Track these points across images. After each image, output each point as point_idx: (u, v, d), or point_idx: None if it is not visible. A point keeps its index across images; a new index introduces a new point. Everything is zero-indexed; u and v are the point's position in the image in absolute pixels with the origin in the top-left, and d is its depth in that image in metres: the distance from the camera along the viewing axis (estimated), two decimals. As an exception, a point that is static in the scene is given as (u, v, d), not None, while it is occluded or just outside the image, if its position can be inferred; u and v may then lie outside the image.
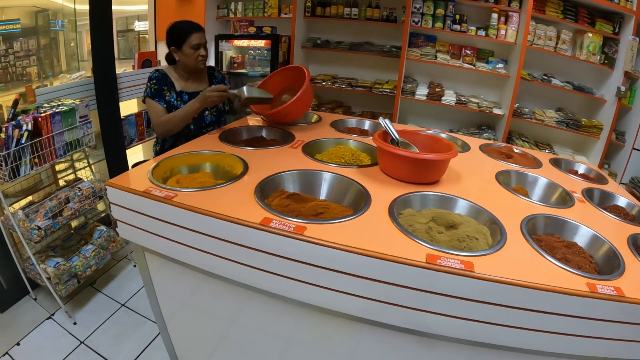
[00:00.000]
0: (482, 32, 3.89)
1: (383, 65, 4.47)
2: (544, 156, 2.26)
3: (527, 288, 1.03)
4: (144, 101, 2.24)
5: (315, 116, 2.57)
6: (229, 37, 4.62)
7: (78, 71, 4.91)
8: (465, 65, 4.01)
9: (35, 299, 2.82)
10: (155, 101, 2.16)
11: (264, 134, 2.21)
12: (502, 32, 3.83)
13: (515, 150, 2.28)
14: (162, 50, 6.17)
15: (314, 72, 4.94)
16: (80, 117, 2.74)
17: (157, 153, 2.36)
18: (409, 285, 1.10)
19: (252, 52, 4.63)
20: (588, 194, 1.75)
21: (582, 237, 1.39)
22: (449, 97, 4.08)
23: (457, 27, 3.91)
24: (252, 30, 4.55)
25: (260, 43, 4.50)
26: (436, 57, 4.08)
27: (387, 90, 4.26)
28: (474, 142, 2.34)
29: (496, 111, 3.98)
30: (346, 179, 1.57)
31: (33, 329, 2.55)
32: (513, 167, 1.96)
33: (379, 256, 1.09)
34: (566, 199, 1.66)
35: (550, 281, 1.05)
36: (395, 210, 1.34)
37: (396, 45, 4.22)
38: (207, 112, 2.30)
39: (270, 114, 2.18)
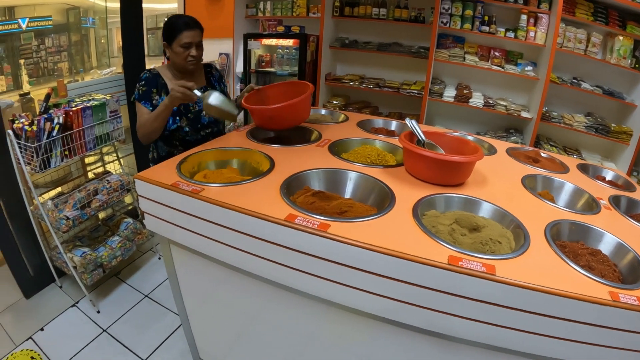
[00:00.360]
0: (511, 34, 3.81)
1: (411, 66, 4.43)
2: (571, 161, 2.21)
3: (548, 294, 1.02)
4: (133, 102, 2.10)
5: (343, 116, 2.57)
6: (257, 36, 4.66)
7: (108, 67, 5.03)
8: (494, 67, 3.94)
9: (60, 287, 2.90)
10: (141, 104, 2.02)
11: (291, 132, 2.20)
12: (532, 33, 3.74)
13: (542, 155, 2.24)
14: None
15: (341, 72, 4.95)
16: (111, 112, 2.81)
17: (153, 161, 2.23)
18: (430, 286, 1.10)
19: (280, 51, 4.66)
20: (615, 201, 1.70)
21: (606, 245, 1.35)
22: (477, 100, 4.01)
23: (486, 28, 3.84)
24: (280, 29, 4.58)
25: (289, 42, 4.52)
26: (464, 58, 4.02)
27: (415, 91, 4.23)
28: (501, 145, 2.30)
29: (524, 114, 3.90)
30: (371, 178, 1.57)
31: (57, 316, 2.64)
32: (539, 171, 1.91)
33: (401, 256, 1.09)
34: (592, 206, 1.62)
35: (572, 288, 1.03)
36: (419, 210, 1.33)
37: (424, 46, 4.18)
38: (204, 112, 2.12)
39: (256, 109, 2.04)
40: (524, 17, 3.72)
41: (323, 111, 2.68)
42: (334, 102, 4.77)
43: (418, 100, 4.22)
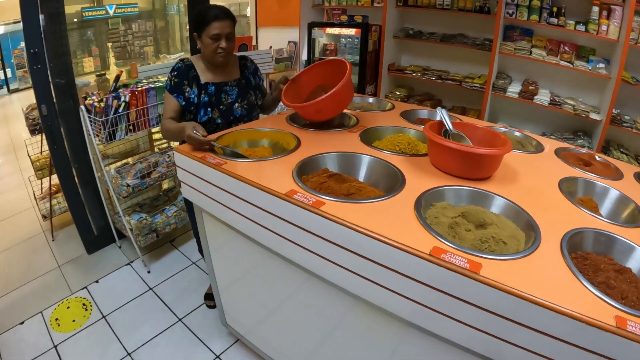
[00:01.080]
0: (581, 27, 3.51)
1: (477, 59, 4.26)
2: (629, 169, 1.94)
3: (533, 303, 0.93)
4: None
5: (390, 104, 2.56)
6: (321, 25, 4.74)
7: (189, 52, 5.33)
8: (562, 62, 3.66)
9: (119, 247, 3.23)
10: (172, 96, 1.96)
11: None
12: (604, 27, 3.40)
13: (597, 158, 2.01)
14: (262, 35, 6.54)
15: (405, 63, 4.89)
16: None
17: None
18: (410, 275, 1.09)
19: (343, 40, 4.71)
20: None
21: None
22: (542, 97, 3.77)
23: (554, 20, 3.58)
24: (343, 18, 4.62)
25: (351, 31, 4.55)
26: (531, 52, 3.78)
27: (477, 84, 4.08)
28: (552, 144, 2.12)
29: (593, 116, 3.58)
30: (387, 164, 1.57)
31: (112, 272, 2.96)
32: (585, 175, 1.71)
33: (384, 240, 1.10)
34: (636, 218, 1.41)
35: (570, 304, 0.92)
36: (426, 200, 1.32)
37: (490, 38, 3.99)
38: (237, 105, 2.09)
39: (299, 107, 1.97)
40: (595, 8, 3.40)
41: (371, 99, 2.69)
42: (397, 92, 4.74)
43: (481, 94, 4.06)
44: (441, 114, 1.72)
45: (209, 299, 2.60)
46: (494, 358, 1.05)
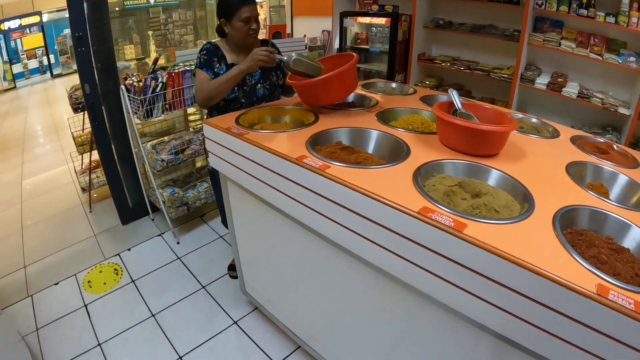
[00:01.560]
0: (611, 19, 3.41)
1: (506, 50, 4.21)
2: None
3: (514, 263, 0.96)
4: (193, 74, 2.16)
5: (412, 89, 2.62)
6: (352, 14, 4.81)
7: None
8: (592, 55, 3.58)
9: (152, 220, 3.44)
10: (203, 70, 2.08)
11: (351, 99, 2.33)
12: (634, 19, 3.29)
13: (615, 148, 1.94)
14: (297, 24, 6.65)
15: (436, 53, 4.89)
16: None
17: None
18: (400, 232, 1.18)
19: (374, 29, 4.76)
20: None
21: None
22: (571, 89, 3.70)
23: (584, 11, 3.50)
24: (374, 8, 4.68)
25: (381, 21, 4.60)
26: (560, 44, 3.72)
27: (505, 75, 4.06)
28: (570, 132, 2.07)
29: (622, 110, 3.49)
30: (396, 139, 1.65)
31: (144, 241, 3.18)
32: (597, 161, 1.66)
33: (377, 199, 1.21)
34: None
35: (551, 268, 0.94)
36: (425, 170, 1.39)
37: (519, 29, 3.95)
38: (259, 85, 2.22)
39: (298, 84, 1.99)
40: (626, 0, 3.30)
41: (394, 84, 2.76)
42: (427, 82, 4.76)
43: (509, 85, 4.03)
44: (452, 95, 1.78)
45: (232, 269, 2.76)
46: (475, 318, 1.12)
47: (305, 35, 5.50)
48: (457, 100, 1.74)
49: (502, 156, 1.57)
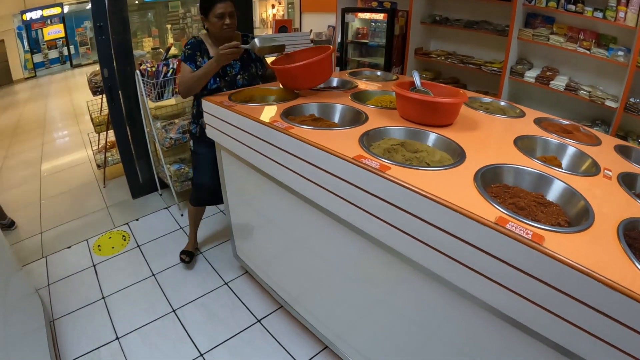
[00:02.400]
0: (599, 14, 3.56)
1: (500, 45, 4.35)
2: (613, 141, 1.89)
3: (420, 195, 1.17)
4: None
5: (395, 77, 2.83)
6: (352, 10, 5.07)
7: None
8: (580, 49, 3.73)
9: (160, 195, 3.76)
10: (186, 64, 2.26)
11: (335, 83, 2.56)
12: (621, 14, 3.41)
13: (581, 130, 1.97)
14: (306, 20, 6.90)
15: (434, 47, 5.09)
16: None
17: (194, 117, 2.52)
18: (339, 175, 1.43)
19: (373, 24, 5.00)
20: (628, 177, 1.46)
21: (570, 206, 1.24)
22: (559, 82, 3.88)
23: (572, 7, 3.65)
24: (374, 4, 4.91)
25: (380, 16, 4.83)
26: (548, 38, 3.90)
27: (496, 68, 4.26)
28: (536, 114, 2.13)
29: (609, 103, 3.63)
30: (358, 111, 1.89)
31: (151, 213, 3.50)
32: (555, 137, 1.75)
33: (321, 148, 1.48)
34: (589, 170, 1.48)
35: (460, 203, 1.12)
36: (375, 133, 1.63)
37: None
38: (239, 76, 2.41)
39: (277, 69, 2.21)
40: None
41: (379, 72, 2.97)
42: (424, 75, 4.97)
43: (499, 78, 4.23)
44: (413, 75, 2.00)
45: (184, 254, 2.87)
46: (396, 248, 1.35)
47: (311, 30, 5.75)
48: (416, 79, 1.96)
49: (454, 127, 1.76)
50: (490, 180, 1.32)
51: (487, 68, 4.34)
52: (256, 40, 2.21)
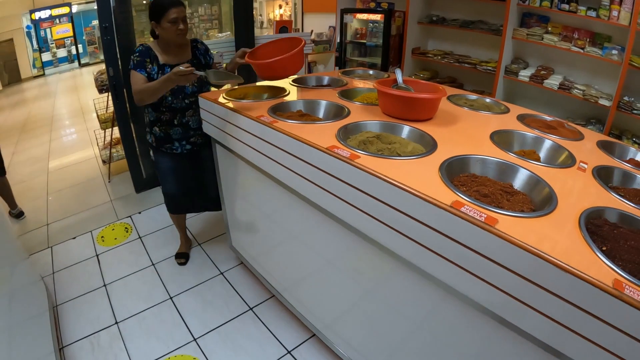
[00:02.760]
0: (592, 13, 3.61)
1: (496, 45, 4.43)
2: (596, 137, 1.93)
3: (388, 183, 1.27)
4: (128, 74, 2.26)
5: (386, 75, 2.92)
6: (351, 11, 5.19)
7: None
8: (574, 48, 3.80)
9: (161, 190, 3.87)
10: (137, 71, 2.18)
11: (327, 81, 2.66)
12: (615, 13, 3.46)
13: (566, 126, 2.01)
14: (308, 20, 7.00)
15: (432, 47, 5.18)
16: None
17: (149, 125, 2.47)
18: (315, 164, 1.55)
19: (371, 24, 5.10)
20: (603, 170, 1.51)
21: (536, 193, 1.30)
22: (553, 81, 3.95)
23: (566, 6, 3.72)
24: (372, 5, 5.02)
25: (377, 17, 4.93)
26: (542, 38, 3.97)
27: (490, 68, 4.34)
28: (520, 111, 2.17)
29: (602, 102, 3.69)
30: (341, 106, 2.00)
31: (153, 207, 3.62)
32: (536, 133, 1.80)
33: (298, 138, 1.60)
34: (564, 163, 1.54)
35: (425, 190, 1.21)
36: (353, 126, 1.73)
37: (508, 25, 4.22)
38: (188, 84, 2.32)
39: (256, 64, 2.19)
40: None
41: (371, 71, 3.07)
42: (421, 75, 5.06)
43: (494, 77, 4.31)
44: (396, 72, 2.09)
45: (178, 257, 2.94)
46: (356, 227, 1.46)
47: (312, 31, 5.85)
48: (398, 76, 2.06)
49: (433, 121, 1.84)
50: (459, 170, 1.41)
51: (482, 67, 4.42)
52: (210, 73, 2.07)
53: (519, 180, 1.39)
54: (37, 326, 2.07)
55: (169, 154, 2.49)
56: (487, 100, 2.38)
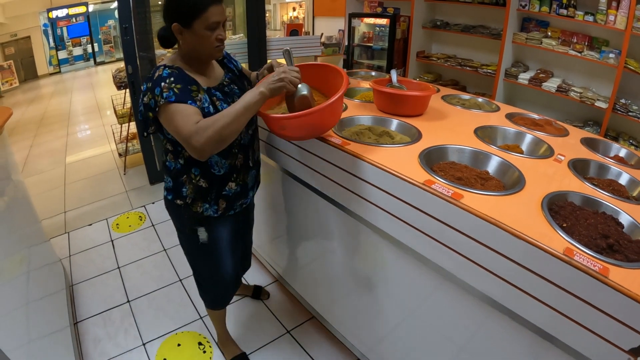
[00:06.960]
0: (589, 18, 3.70)
1: (497, 49, 4.52)
2: (581, 134, 1.98)
3: (371, 165, 1.46)
4: (155, 112, 1.40)
5: (387, 76, 3.08)
6: (358, 15, 5.40)
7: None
8: (572, 52, 3.90)
9: (174, 181, 4.08)
10: (187, 104, 1.36)
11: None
12: (611, 17, 3.55)
13: (553, 124, 2.08)
14: (318, 24, 7.17)
15: (435, 51, 5.33)
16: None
17: (204, 191, 1.63)
18: (317, 154, 1.72)
19: (377, 28, 5.28)
20: (580, 163, 1.61)
21: (509, 179, 1.44)
22: (551, 84, 4.06)
23: (564, 11, 3.83)
24: (378, 10, 5.20)
25: (383, 21, 5.11)
26: (541, 42, 4.08)
27: (491, 71, 4.47)
28: (511, 110, 2.25)
29: (599, 104, 3.78)
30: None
31: None
32: (520, 129, 1.91)
33: None
34: (544, 154, 1.67)
35: (402, 171, 1.39)
36: (349, 120, 1.90)
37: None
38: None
39: (265, 117, 1.53)
40: None
41: (373, 72, 3.23)
42: (425, 78, 5.21)
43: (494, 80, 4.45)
44: (391, 73, 2.26)
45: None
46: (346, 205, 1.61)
47: (322, 34, 6.02)
48: (393, 76, 2.23)
49: (423, 117, 2.00)
50: (439, 158, 1.57)
51: (483, 70, 4.56)
52: (305, 86, 1.51)
53: (494, 168, 1.54)
54: (53, 303, 2.23)
55: (231, 218, 1.74)
56: (480, 99, 2.49)
